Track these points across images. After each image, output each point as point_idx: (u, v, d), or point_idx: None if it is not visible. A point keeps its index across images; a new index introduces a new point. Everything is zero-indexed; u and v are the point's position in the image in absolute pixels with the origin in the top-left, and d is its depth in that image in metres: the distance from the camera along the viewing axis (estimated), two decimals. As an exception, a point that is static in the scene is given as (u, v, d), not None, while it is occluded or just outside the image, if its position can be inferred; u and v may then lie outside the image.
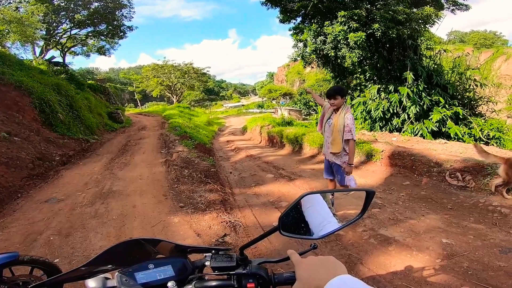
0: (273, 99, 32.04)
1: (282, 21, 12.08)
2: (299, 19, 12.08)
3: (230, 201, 4.62)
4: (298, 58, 12.63)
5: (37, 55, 17.77)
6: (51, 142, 7.42)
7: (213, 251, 0.78)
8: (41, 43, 18.40)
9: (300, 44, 12.10)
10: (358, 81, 12.11)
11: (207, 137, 12.88)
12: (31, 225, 3.63)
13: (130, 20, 21.66)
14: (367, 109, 10.49)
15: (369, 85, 11.00)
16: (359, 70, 11.57)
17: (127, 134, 12.55)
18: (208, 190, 4.63)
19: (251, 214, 4.07)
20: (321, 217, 0.72)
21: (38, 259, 1.89)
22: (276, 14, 12.18)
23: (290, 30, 12.31)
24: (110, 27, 21.13)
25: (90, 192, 4.76)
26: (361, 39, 9.17)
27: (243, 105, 51.61)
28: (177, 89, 37.78)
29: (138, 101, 47.90)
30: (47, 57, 18.67)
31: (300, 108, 28.92)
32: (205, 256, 0.84)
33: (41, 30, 16.62)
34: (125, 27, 21.89)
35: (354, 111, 10.78)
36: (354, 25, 9.33)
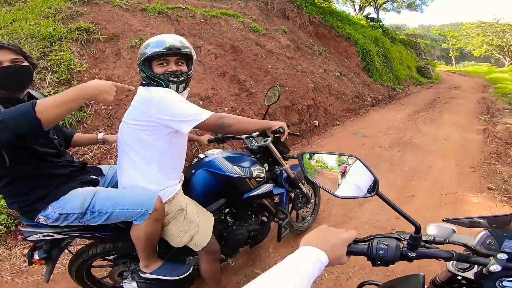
0: None
1: None
2: None
3: None
4: None
5: (357, 12, 19.63)
6: (366, 85, 8.44)
7: None
8: (359, 0, 19.98)
9: None
10: None
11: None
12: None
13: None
14: None
15: None
16: None
17: (435, 90, 11.66)
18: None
19: None
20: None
21: None
22: None
23: None
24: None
25: (390, 137, 4.98)
26: None
27: None
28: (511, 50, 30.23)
29: (453, 59, 40.78)
30: (364, 13, 20.10)
31: None
32: None
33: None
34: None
35: None
36: None
